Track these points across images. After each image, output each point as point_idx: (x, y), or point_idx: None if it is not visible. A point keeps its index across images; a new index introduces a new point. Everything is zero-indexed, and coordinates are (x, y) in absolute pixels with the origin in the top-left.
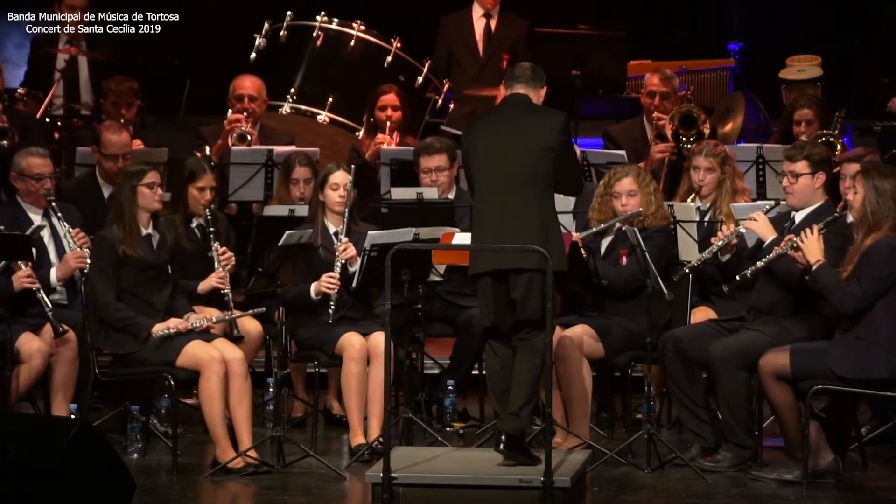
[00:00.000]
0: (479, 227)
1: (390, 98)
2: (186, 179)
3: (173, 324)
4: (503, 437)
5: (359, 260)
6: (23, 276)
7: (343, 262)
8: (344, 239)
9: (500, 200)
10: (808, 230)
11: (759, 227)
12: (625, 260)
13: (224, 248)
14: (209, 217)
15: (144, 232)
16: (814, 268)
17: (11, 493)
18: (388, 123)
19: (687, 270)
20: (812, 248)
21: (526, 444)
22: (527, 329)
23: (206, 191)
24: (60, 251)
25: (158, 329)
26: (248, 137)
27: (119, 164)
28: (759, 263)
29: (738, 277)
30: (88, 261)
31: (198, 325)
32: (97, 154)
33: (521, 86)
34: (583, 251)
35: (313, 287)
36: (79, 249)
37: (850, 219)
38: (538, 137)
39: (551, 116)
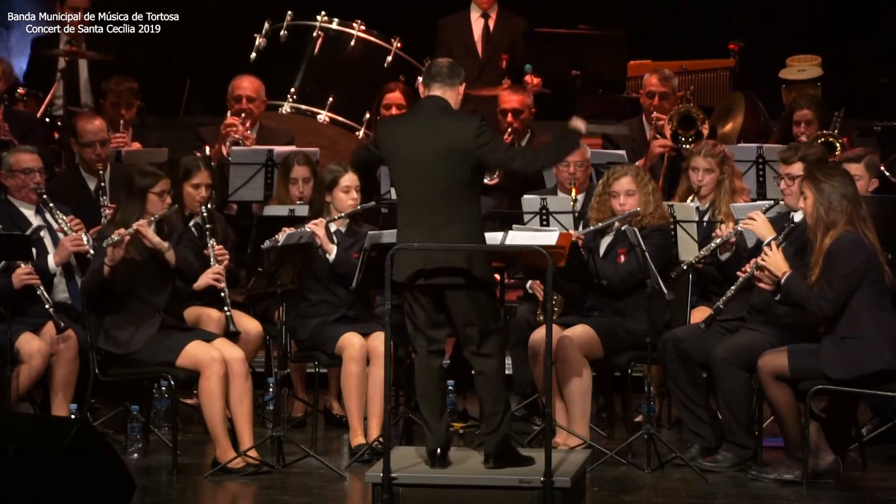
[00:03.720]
0: (403, 236)
1: (395, 97)
2: (182, 177)
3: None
4: (490, 454)
5: (334, 248)
6: (23, 273)
7: (307, 230)
8: (319, 220)
9: (424, 210)
10: (766, 248)
11: (759, 226)
12: (623, 259)
13: (220, 246)
14: (205, 215)
15: None
16: (782, 281)
17: (11, 493)
18: None
19: (685, 267)
20: (776, 262)
21: (512, 447)
22: (473, 343)
23: (201, 188)
24: (57, 243)
25: (114, 236)
26: (242, 143)
27: (97, 150)
28: (728, 293)
29: (712, 310)
30: (86, 245)
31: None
32: (76, 146)
33: (438, 86)
34: (582, 251)
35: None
36: (74, 234)
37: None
38: (454, 144)
39: (466, 121)
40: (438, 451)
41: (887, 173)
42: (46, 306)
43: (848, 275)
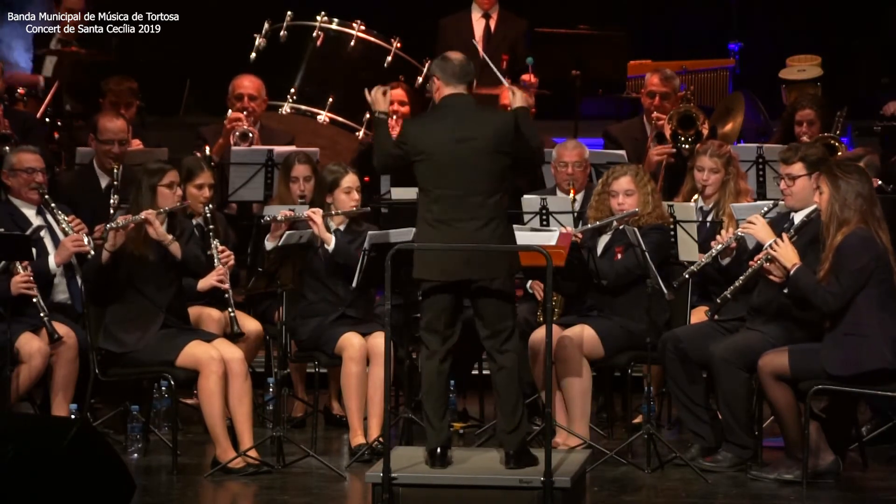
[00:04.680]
0: (436, 233)
1: (397, 93)
2: (184, 178)
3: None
4: (511, 453)
5: (332, 238)
6: (20, 281)
7: (307, 228)
8: (317, 210)
9: (460, 208)
10: (779, 239)
11: (758, 230)
12: (619, 257)
13: (223, 247)
14: (208, 215)
15: None
16: (791, 272)
17: (11, 493)
18: (395, 118)
19: (687, 276)
20: (787, 254)
21: (528, 446)
22: (500, 338)
23: (204, 188)
24: (58, 243)
25: (119, 220)
26: (251, 135)
27: (115, 149)
28: (737, 283)
29: (718, 300)
30: (87, 245)
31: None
32: (94, 142)
33: (462, 84)
34: (582, 250)
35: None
36: (75, 234)
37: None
38: (499, 135)
39: (504, 118)
40: (438, 450)
41: None
42: (41, 315)
43: (856, 271)
